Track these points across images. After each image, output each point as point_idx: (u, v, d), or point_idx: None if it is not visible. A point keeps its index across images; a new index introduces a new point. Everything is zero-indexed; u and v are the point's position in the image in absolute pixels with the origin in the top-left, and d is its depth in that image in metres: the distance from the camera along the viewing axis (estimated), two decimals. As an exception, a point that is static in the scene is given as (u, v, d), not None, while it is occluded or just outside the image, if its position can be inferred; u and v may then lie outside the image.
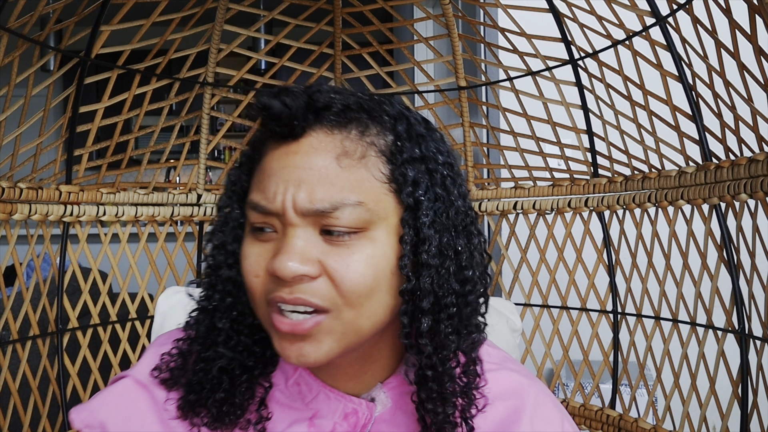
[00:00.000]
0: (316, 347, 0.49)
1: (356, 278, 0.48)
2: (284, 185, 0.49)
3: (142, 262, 1.33)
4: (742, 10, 0.86)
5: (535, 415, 0.58)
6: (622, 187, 1.17)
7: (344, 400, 0.56)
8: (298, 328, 0.48)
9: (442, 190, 0.52)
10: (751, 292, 0.98)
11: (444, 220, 0.52)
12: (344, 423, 0.56)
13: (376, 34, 1.43)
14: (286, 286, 0.48)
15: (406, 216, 0.50)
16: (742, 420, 0.98)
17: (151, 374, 0.58)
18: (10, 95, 1.00)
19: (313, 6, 1.34)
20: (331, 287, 0.48)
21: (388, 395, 0.57)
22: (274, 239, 0.50)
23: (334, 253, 0.48)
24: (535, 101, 1.30)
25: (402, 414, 0.57)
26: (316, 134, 0.50)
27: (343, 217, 0.48)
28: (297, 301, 0.48)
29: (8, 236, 1.07)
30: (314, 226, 0.49)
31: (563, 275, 1.31)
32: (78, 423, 0.56)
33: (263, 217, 0.50)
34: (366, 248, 0.49)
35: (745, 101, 0.92)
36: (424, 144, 0.53)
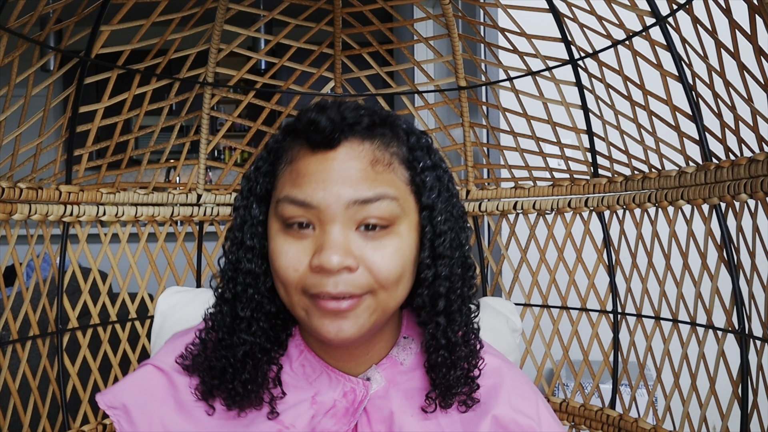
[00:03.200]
0: (353, 323, 0.57)
1: (390, 267, 0.56)
2: (325, 183, 0.56)
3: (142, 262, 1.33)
4: (742, 10, 0.86)
5: (512, 392, 0.66)
6: (622, 187, 1.17)
7: (343, 379, 0.64)
8: (341, 308, 0.56)
9: (447, 193, 0.62)
10: (751, 292, 0.98)
11: (451, 217, 0.61)
12: (343, 400, 0.63)
13: (376, 34, 1.43)
14: (330, 279, 0.55)
15: (425, 215, 0.60)
16: (742, 420, 0.98)
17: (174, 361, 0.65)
18: (10, 95, 1.00)
19: (313, 6, 1.34)
20: (369, 276, 0.56)
21: (382, 375, 0.65)
22: (310, 236, 0.57)
23: (370, 246, 0.56)
24: (535, 101, 1.30)
25: (395, 392, 0.64)
26: (350, 144, 0.58)
27: (382, 209, 0.56)
28: (341, 295, 0.55)
29: (8, 236, 1.07)
30: (351, 224, 0.56)
31: (563, 275, 1.31)
32: (102, 404, 0.63)
33: (301, 211, 0.56)
34: (394, 242, 0.57)
35: (745, 101, 0.92)
36: (432, 154, 0.62)
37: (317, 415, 0.62)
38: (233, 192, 1.33)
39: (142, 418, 0.61)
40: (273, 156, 0.63)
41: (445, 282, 0.60)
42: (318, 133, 0.57)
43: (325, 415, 0.62)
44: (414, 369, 0.66)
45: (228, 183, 1.39)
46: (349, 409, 0.62)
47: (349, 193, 0.55)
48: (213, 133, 1.36)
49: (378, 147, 0.58)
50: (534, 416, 0.64)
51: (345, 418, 0.62)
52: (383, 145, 0.59)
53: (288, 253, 0.57)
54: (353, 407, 0.62)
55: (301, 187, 0.57)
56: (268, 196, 0.62)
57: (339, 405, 0.62)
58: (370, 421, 0.62)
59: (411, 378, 0.65)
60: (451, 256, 0.60)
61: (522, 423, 0.63)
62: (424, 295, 0.61)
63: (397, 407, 0.63)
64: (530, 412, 0.65)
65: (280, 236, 0.58)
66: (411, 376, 0.65)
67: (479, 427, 0.62)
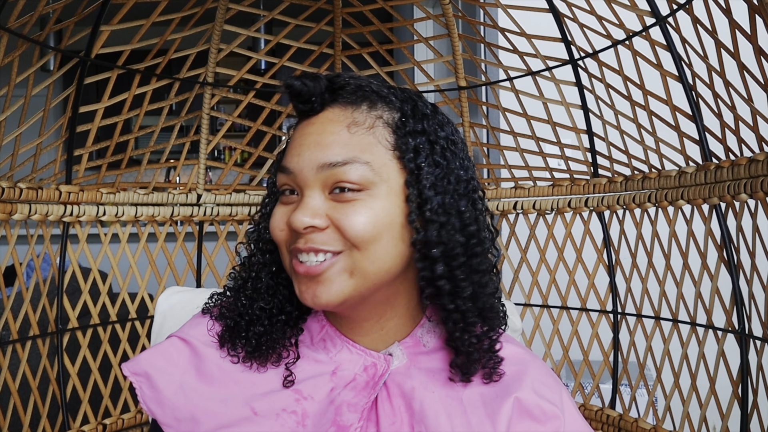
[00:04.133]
0: (327, 288, 0.58)
1: (357, 225, 0.57)
2: (301, 149, 0.59)
3: (142, 262, 1.33)
4: (742, 10, 0.86)
5: (536, 379, 0.66)
6: (622, 187, 1.17)
7: (365, 354, 0.65)
8: (312, 270, 0.58)
9: (442, 159, 0.61)
10: (751, 292, 0.98)
11: (444, 184, 0.61)
12: (364, 374, 0.64)
13: (376, 34, 1.43)
14: (301, 237, 0.58)
15: (409, 179, 0.60)
16: (742, 420, 0.98)
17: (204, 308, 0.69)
18: (10, 95, 1.00)
19: (313, 6, 1.34)
20: (338, 235, 0.58)
21: (404, 352, 0.65)
22: (295, 201, 0.61)
23: (339, 207, 0.58)
24: (535, 101, 1.30)
25: (416, 370, 0.65)
26: (332, 110, 0.60)
27: (352, 172, 0.57)
28: (309, 249, 0.58)
29: (8, 236, 1.07)
30: (325, 187, 0.59)
31: (563, 275, 1.31)
32: (127, 371, 0.64)
33: (287, 178, 0.60)
34: (367, 203, 0.58)
35: (745, 101, 0.92)
36: (427, 121, 0.62)
37: (336, 388, 0.63)
38: (233, 192, 1.34)
39: (163, 384, 0.62)
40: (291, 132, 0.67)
41: (438, 246, 0.59)
42: (297, 99, 0.61)
43: (344, 387, 0.63)
44: (436, 351, 0.66)
45: (228, 183, 1.39)
46: (369, 382, 0.63)
47: (318, 156, 0.58)
48: (213, 133, 1.36)
49: (361, 111, 0.60)
50: (558, 404, 0.64)
51: (365, 391, 0.63)
52: (367, 109, 0.60)
53: (276, 215, 0.62)
54: (373, 381, 0.63)
55: (288, 154, 0.61)
56: None
57: (359, 378, 0.63)
58: (390, 395, 0.63)
59: (432, 359, 0.66)
60: (444, 221, 0.60)
61: (546, 409, 0.63)
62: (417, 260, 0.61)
63: (418, 383, 0.63)
64: (554, 399, 0.65)
65: (277, 204, 0.63)
66: (432, 357, 0.66)
67: (501, 409, 0.62)
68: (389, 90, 0.63)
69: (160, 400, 0.62)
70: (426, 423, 0.61)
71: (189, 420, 0.60)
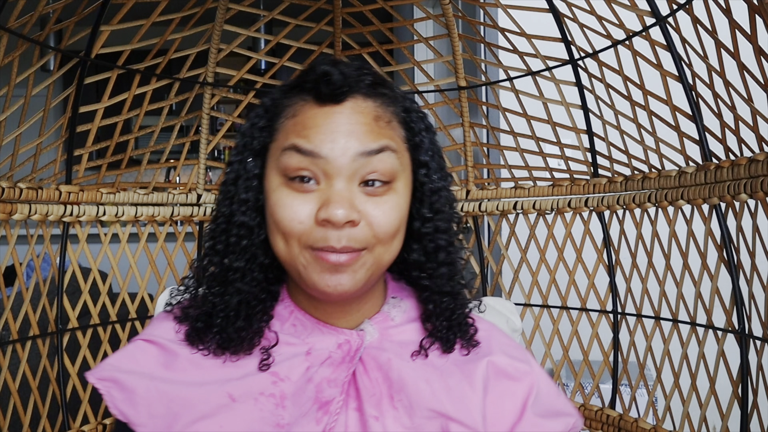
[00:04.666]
0: (351, 277, 0.59)
1: (389, 222, 0.59)
2: (334, 135, 0.58)
3: (142, 262, 1.33)
4: (742, 10, 0.86)
5: (502, 344, 0.69)
6: (622, 187, 1.17)
7: (336, 332, 0.65)
8: (343, 262, 0.58)
9: (439, 157, 0.66)
10: (751, 292, 0.98)
11: (444, 176, 0.66)
12: (338, 351, 0.64)
13: (376, 34, 1.43)
14: (334, 232, 0.57)
15: (422, 172, 0.64)
16: (742, 420, 0.98)
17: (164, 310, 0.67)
18: (10, 95, 1.00)
19: (313, 6, 1.34)
20: (369, 231, 0.59)
21: (375, 327, 0.66)
22: (314, 190, 0.59)
23: (372, 202, 0.59)
24: (535, 101, 1.30)
25: (389, 343, 0.66)
26: (355, 100, 0.60)
27: (386, 162, 0.59)
28: (345, 249, 0.58)
29: (8, 236, 1.07)
30: (354, 178, 0.59)
31: (563, 275, 1.31)
32: (92, 379, 0.62)
33: (307, 161, 0.58)
34: (393, 198, 0.60)
35: (745, 101, 0.92)
36: (424, 118, 0.66)
37: (313, 366, 0.62)
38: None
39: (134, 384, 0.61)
40: (271, 112, 0.64)
41: (443, 235, 0.65)
42: (329, 86, 0.59)
43: (321, 365, 0.63)
44: (405, 324, 0.68)
45: (228, 183, 1.39)
46: (345, 357, 0.63)
47: (356, 145, 0.58)
48: (213, 133, 1.36)
49: (380, 105, 0.61)
50: (527, 361, 0.68)
51: (343, 366, 0.63)
52: (384, 104, 0.62)
53: (292, 206, 0.58)
54: (349, 356, 0.64)
55: (309, 137, 0.58)
56: (264, 150, 0.64)
57: (335, 356, 0.63)
58: (367, 369, 0.64)
59: (403, 331, 0.68)
60: (447, 212, 0.65)
61: (519, 367, 0.67)
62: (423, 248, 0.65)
63: (393, 354, 0.64)
64: (523, 358, 0.68)
65: (283, 189, 0.60)
66: (402, 330, 0.68)
67: (476, 370, 0.65)
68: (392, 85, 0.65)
69: (132, 400, 0.60)
70: (406, 391, 0.62)
71: (165, 415, 0.59)
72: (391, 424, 0.60)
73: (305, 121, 0.60)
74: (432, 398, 0.62)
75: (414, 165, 0.64)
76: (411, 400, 0.62)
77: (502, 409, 0.64)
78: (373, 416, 0.61)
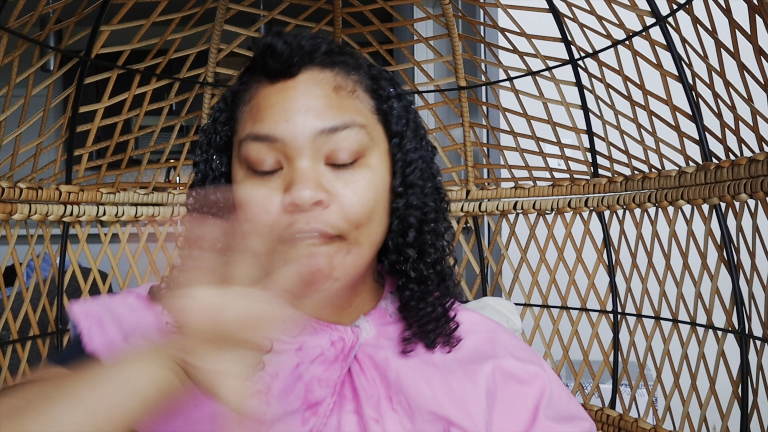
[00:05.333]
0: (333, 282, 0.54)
1: (362, 202, 0.53)
2: (288, 113, 0.52)
3: (142, 262, 1.33)
4: (742, 10, 0.86)
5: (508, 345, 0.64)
6: (622, 187, 1.17)
7: (330, 329, 0.60)
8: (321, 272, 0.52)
9: (415, 124, 0.60)
10: (751, 292, 0.98)
11: (421, 146, 0.60)
12: (332, 348, 0.59)
13: (376, 34, 1.43)
14: (302, 216, 0.52)
15: (395, 142, 0.57)
16: (742, 420, 0.98)
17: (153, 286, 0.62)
18: (10, 95, 1.00)
19: (313, 6, 1.34)
20: (340, 214, 0.53)
21: (371, 324, 0.62)
22: (277, 176, 0.53)
23: (341, 180, 0.53)
24: (535, 101, 1.30)
25: (385, 340, 0.61)
26: (310, 72, 0.55)
27: (350, 138, 0.53)
28: (314, 229, 0.52)
29: (8, 236, 1.07)
30: (319, 157, 0.53)
31: (563, 275, 1.31)
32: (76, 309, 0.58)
33: (266, 147, 0.53)
34: (366, 175, 0.54)
35: (745, 101, 0.92)
36: (396, 85, 0.60)
37: (303, 363, 0.58)
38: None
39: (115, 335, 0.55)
40: (231, 103, 0.59)
41: (416, 212, 0.58)
42: (275, 59, 0.54)
43: (312, 362, 0.58)
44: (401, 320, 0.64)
45: (228, 183, 1.39)
46: (339, 356, 0.59)
47: (314, 123, 0.52)
48: (213, 133, 1.35)
49: (339, 74, 0.55)
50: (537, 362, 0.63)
51: (336, 365, 0.58)
52: (344, 72, 0.56)
53: (257, 197, 0.53)
54: (343, 354, 0.59)
55: (263, 121, 0.54)
56: (228, 145, 0.59)
57: (327, 353, 0.58)
58: (363, 368, 0.59)
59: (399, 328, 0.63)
60: (422, 186, 0.58)
61: (528, 369, 0.61)
62: (393, 225, 0.58)
63: (390, 353, 0.60)
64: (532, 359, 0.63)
65: (247, 182, 0.55)
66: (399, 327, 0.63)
67: (480, 371, 0.60)
68: (353, 51, 0.59)
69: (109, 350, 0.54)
70: (405, 392, 0.58)
71: None
72: (392, 427, 0.56)
73: (259, 104, 0.55)
74: (433, 400, 0.58)
75: (388, 136, 0.58)
76: (410, 402, 0.58)
77: (513, 414, 0.59)
78: (373, 418, 0.57)
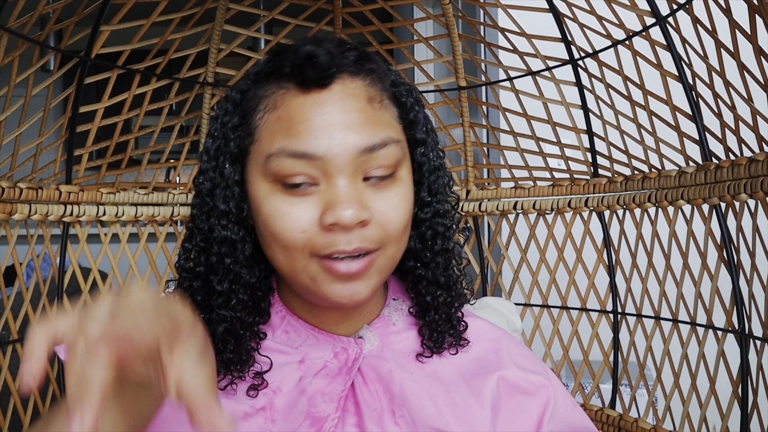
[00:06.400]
0: (366, 284, 0.53)
1: (400, 217, 0.53)
2: (329, 129, 0.50)
3: (142, 262, 1.33)
4: (742, 10, 0.86)
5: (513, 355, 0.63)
6: (622, 187, 1.17)
7: (333, 340, 0.59)
8: (357, 271, 0.52)
9: (432, 131, 0.60)
10: (751, 292, 0.98)
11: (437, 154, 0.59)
12: (335, 360, 0.58)
13: (376, 34, 1.43)
14: (344, 236, 0.50)
15: (420, 150, 0.56)
16: (742, 420, 0.98)
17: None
18: (10, 95, 1.00)
19: (313, 6, 1.34)
20: (380, 229, 0.52)
21: (375, 334, 0.61)
22: (313, 193, 0.51)
23: (379, 197, 0.52)
24: (535, 101, 1.30)
25: (390, 351, 0.60)
26: (342, 81, 0.52)
27: (389, 155, 0.52)
28: (357, 251, 0.51)
29: (8, 236, 1.07)
30: (358, 174, 0.52)
31: (563, 275, 1.31)
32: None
33: (302, 164, 0.51)
34: (400, 189, 0.54)
35: (745, 101, 0.92)
36: (412, 91, 0.58)
37: (306, 377, 0.57)
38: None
39: None
40: (242, 107, 0.56)
41: (442, 219, 0.58)
42: (316, 69, 0.51)
43: (315, 376, 0.57)
44: (406, 329, 0.62)
45: (228, 183, 1.39)
46: (342, 368, 0.57)
47: (356, 140, 0.51)
48: (213, 133, 1.35)
49: (369, 83, 0.54)
50: (542, 372, 0.62)
51: (339, 378, 0.57)
52: (373, 81, 0.54)
53: (291, 213, 0.51)
54: (347, 366, 0.57)
55: (299, 135, 0.51)
56: (243, 153, 0.55)
57: (331, 365, 0.57)
58: (366, 381, 0.58)
59: (405, 338, 0.62)
60: (444, 193, 0.59)
61: (533, 380, 0.61)
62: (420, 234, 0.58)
63: (395, 365, 0.58)
64: (537, 369, 0.62)
65: (276, 196, 0.52)
66: (404, 336, 0.62)
67: (485, 385, 0.59)
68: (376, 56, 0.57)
69: None
70: (408, 406, 0.56)
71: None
72: None
73: (291, 116, 0.51)
74: (436, 416, 0.56)
75: (411, 144, 0.57)
76: (414, 417, 0.56)
77: (517, 426, 0.58)
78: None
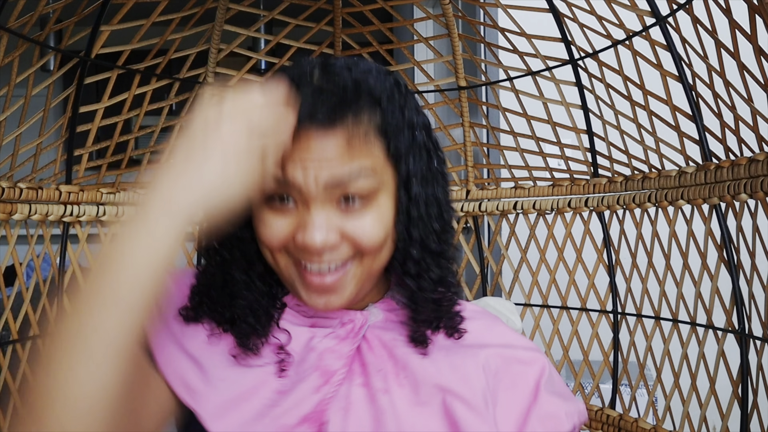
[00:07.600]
0: (340, 295, 0.59)
1: (372, 237, 0.57)
2: (306, 162, 0.55)
3: (142, 262, 1.33)
4: (742, 10, 0.86)
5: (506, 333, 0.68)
6: (622, 187, 1.17)
7: (341, 313, 0.64)
8: (327, 285, 0.58)
9: (424, 149, 0.61)
10: (751, 292, 0.98)
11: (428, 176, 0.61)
12: (342, 329, 0.64)
13: (376, 34, 1.43)
14: (314, 257, 0.57)
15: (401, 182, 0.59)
16: (742, 420, 0.98)
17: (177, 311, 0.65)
18: (10, 95, 1.00)
19: (313, 6, 1.34)
20: (350, 246, 0.58)
21: (380, 310, 0.66)
22: (292, 211, 0.58)
23: (351, 219, 0.57)
24: (535, 101, 1.30)
25: (392, 324, 0.66)
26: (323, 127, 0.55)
27: (360, 183, 0.56)
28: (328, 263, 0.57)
29: (8, 236, 1.07)
30: (332, 199, 0.56)
31: (563, 275, 1.31)
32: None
33: (285, 189, 0.57)
34: (374, 211, 0.58)
35: (745, 101, 0.92)
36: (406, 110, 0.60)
37: (316, 336, 0.63)
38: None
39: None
40: None
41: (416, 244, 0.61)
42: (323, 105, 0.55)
43: (324, 337, 0.63)
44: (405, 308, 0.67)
45: (228, 183, 1.39)
46: (350, 333, 0.63)
47: (325, 173, 0.55)
48: (213, 133, 1.35)
49: (355, 120, 0.56)
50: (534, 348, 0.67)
51: (347, 340, 0.63)
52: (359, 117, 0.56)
53: (272, 225, 0.58)
54: (354, 332, 0.63)
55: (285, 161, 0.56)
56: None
57: (339, 331, 0.63)
58: (372, 346, 0.64)
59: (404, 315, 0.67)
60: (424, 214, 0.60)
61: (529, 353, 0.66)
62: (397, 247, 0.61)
63: (398, 335, 0.64)
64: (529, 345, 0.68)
65: (263, 207, 0.59)
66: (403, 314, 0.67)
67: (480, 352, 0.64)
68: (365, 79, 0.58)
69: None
70: (410, 368, 0.62)
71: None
72: (399, 399, 0.60)
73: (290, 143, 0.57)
74: (437, 374, 0.62)
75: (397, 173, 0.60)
76: (416, 377, 0.62)
77: (518, 392, 0.63)
78: (382, 390, 0.61)
